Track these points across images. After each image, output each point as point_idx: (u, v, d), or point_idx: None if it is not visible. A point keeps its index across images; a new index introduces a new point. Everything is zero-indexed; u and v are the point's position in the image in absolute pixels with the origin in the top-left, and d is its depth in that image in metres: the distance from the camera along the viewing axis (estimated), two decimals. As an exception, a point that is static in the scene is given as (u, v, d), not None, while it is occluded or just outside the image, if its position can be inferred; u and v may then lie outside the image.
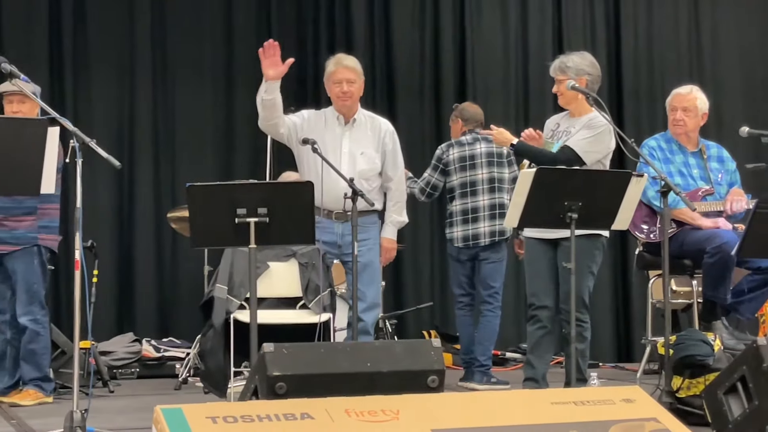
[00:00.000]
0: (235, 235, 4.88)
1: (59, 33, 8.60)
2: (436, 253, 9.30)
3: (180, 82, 8.89)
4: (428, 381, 4.07)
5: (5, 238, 6.27)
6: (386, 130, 6.06)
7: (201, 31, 9.00)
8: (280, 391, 3.90)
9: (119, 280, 8.60)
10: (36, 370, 6.35)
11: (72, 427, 4.43)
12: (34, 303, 6.31)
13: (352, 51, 9.22)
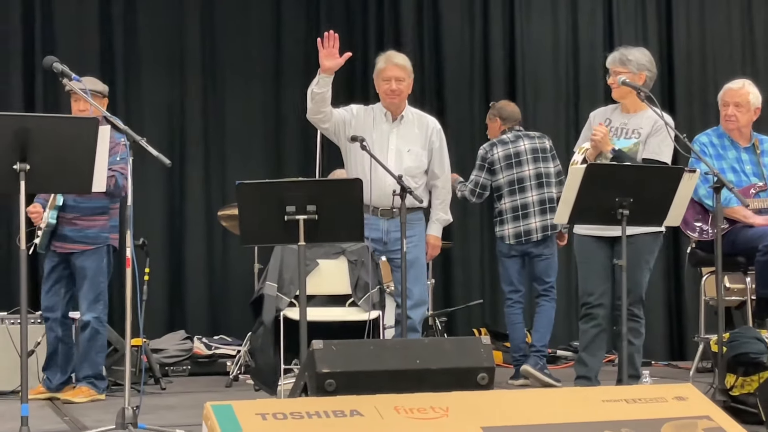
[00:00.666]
0: (284, 233, 4.88)
1: (110, 34, 8.66)
2: (485, 250, 9.25)
3: (229, 81, 8.92)
4: (478, 378, 4.05)
5: (76, 237, 6.32)
6: (433, 128, 6.05)
7: (250, 30, 9.02)
8: (330, 388, 3.90)
9: (170, 278, 8.65)
10: (91, 368, 6.40)
11: (123, 423, 4.46)
12: (99, 302, 6.38)
13: (401, 48, 9.20)
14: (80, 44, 8.54)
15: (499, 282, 9.18)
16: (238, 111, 8.91)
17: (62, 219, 6.32)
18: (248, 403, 3.49)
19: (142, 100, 8.74)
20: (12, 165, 4.22)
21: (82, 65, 8.13)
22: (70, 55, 8.33)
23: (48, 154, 4.26)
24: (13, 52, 8.37)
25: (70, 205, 6.30)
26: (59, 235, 6.34)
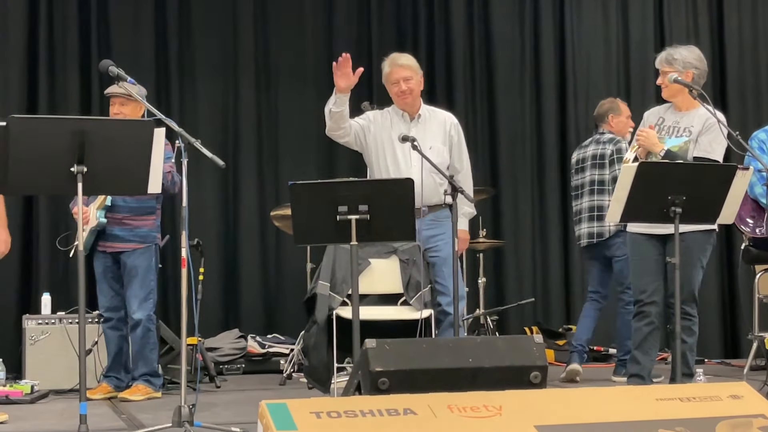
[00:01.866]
0: (336, 232, 4.89)
1: (165, 38, 8.73)
2: (537, 249, 9.22)
3: (282, 83, 8.96)
4: (531, 377, 4.03)
5: (126, 237, 6.38)
6: (451, 122, 6.08)
7: (302, 35, 9.05)
8: (383, 386, 3.90)
9: (225, 277, 8.70)
10: (146, 366, 6.45)
11: (180, 421, 4.49)
12: (149, 300, 6.42)
13: (452, 48, 9.23)
14: (135, 47, 8.61)
15: (550, 280, 9.20)
16: (291, 112, 8.94)
17: (111, 219, 6.37)
18: (303, 402, 3.50)
19: (197, 102, 8.79)
20: (69, 167, 4.26)
21: (138, 68, 8.24)
22: (125, 58, 8.43)
23: (105, 156, 4.29)
24: (69, 56, 8.45)
25: (119, 204, 6.35)
26: (108, 235, 6.39)
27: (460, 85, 9.18)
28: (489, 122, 9.26)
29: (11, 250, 7.83)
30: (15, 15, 8.35)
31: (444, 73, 9.20)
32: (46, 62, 8.40)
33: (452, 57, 9.20)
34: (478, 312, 8.02)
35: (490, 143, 9.24)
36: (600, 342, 8.71)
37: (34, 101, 8.34)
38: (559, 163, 9.30)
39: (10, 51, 8.31)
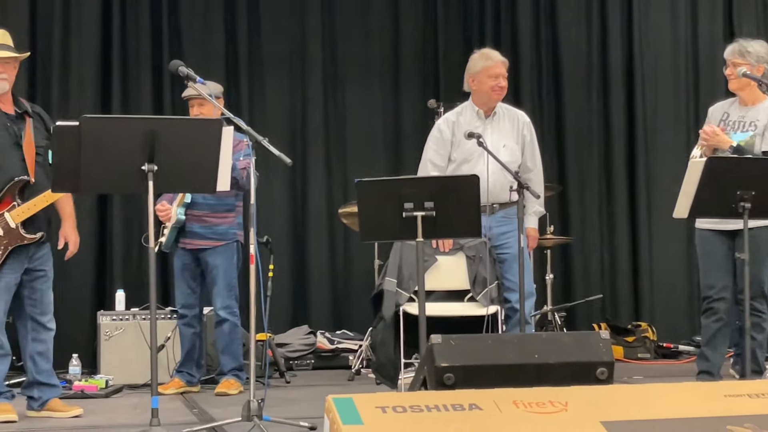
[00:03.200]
0: (402, 229, 4.88)
1: (234, 40, 8.79)
2: (605, 245, 9.13)
3: (349, 83, 8.97)
4: (597, 373, 3.97)
5: (206, 234, 6.40)
6: (524, 121, 6.05)
7: (369, 33, 9.06)
8: (449, 381, 3.88)
9: (294, 274, 8.73)
10: (234, 360, 6.49)
11: (249, 415, 4.51)
12: (231, 297, 6.45)
13: (518, 45, 9.17)
14: (206, 49, 8.68)
15: (619, 277, 9.10)
16: (358, 112, 8.96)
17: (191, 216, 6.41)
18: (369, 396, 3.48)
19: (266, 101, 8.84)
20: (140, 166, 4.29)
21: (208, 69, 8.31)
22: (196, 59, 8.50)
23: (174, 155, 4.32)
24: (142, 57, 8.55)
25: (199, 202, 6.38)
26: (188, 232, 6.42)
27: (527, 83, 9.11)
28: (556, 120, 9.18)
29: (86, 248, 7.98)
30: (89, 22, 8.45)
31: (511, 71, 9.10)
32: (120, 67, 8.50)
33: (519, 55, 9.13)
34: (545, 308, 7.95)
35: (557, 141, 9.17)
36: (670, 339, 8.62)
37: (108, 105, 8.45)
38: (626, 160, 9.20)
39: (85, 56, 8.43)
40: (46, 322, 5.43)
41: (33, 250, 5.30)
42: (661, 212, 8.68)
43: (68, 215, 5.49)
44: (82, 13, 8.47)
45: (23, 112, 5.34)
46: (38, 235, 5.22)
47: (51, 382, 5.44)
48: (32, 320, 5.40)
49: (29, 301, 5.37)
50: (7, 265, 5.21)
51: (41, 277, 5.38)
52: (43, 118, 5.40)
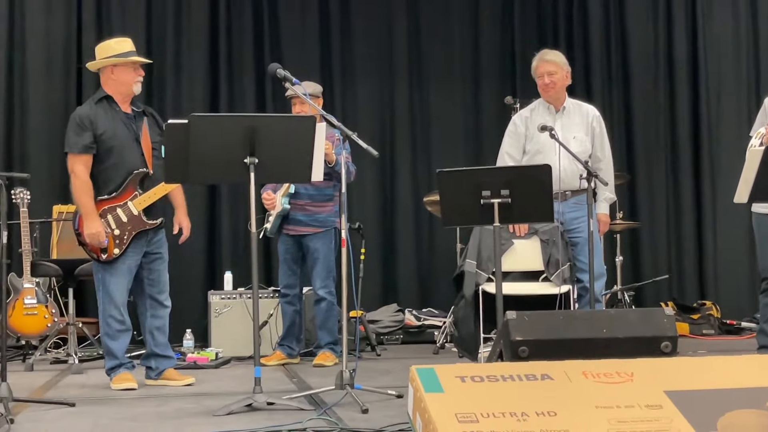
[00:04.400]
0: (480, 215, 4.85)
1: (328, 43, 8.85)
2: (672, 229, 8.99)
3: (433, 79, 8.97)
4: (661, 346, 3.92)
5: (307, 221, 6.46)
6: (593, 115, 5.99)
7: (450, 35, 9.05)
8: (523, 354, 3.86)
9: (384, 257, 8.76)
10: (330, 335, 6.54)
11: (342, 384, 4.55)
12: (329, 278, 6.50)
13: (589, 42, 9.07)
14: (303, 52, 8.76)
15: (685, 257, 8.96)
16: (441, 108, 8.95)
17: (294, 205, 6.48)
18: (449, 367, 3.48)
19: (357, 99, 8.89)
20: (243, 159, 4.35)
21: (305, 70, 8.38)
22: (294, 62, 8.59)
23: (273, 148, 4.37)
24: (246, 61, 8.66)
25: (301, 192, 6.44)
26: (292, 220, 6.49)
27: (598, 77, 9.01)
28: (625, 112, 9.07)
29: (198, 234, 8.13)
30: (199, 30, 8.60)
31: (582, 66, 9.05)
32: (226, 69, 8.63)
33: (590, 51, 9.05)
34: (615, 288, 7.86)
35: (626, 132, 9.05)
36: (733, 316, 8.46)
37: (215, 104, 8.58)
38: (691, 148, 9.07)
39: (195, 61, 8.57)
40: (163, 300, 5.54)
41: (151, 234, 5.41)
42: (724, 197, 8.51)
43: (180, 204, 5.60)
44: (192, 22, 8.62)
45: (140, 111, 5.47)
46: (158, 221, 5.34)
47: (167, 354, 5.55)
48: (151, 298, 5.51)
49: (148, 281, 5.48)
50: (130, 249, 5.33)
51: (158, 259, 5.49)
52: (155, 117, 5.54)
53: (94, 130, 5.29)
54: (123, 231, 5.28)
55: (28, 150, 8.31)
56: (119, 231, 5.28)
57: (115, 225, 5.28)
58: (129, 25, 8.44)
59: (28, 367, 6.41)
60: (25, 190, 7.07)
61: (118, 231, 5.28)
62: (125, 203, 5.30)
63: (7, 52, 8.30)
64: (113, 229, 5.28)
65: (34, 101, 8.32)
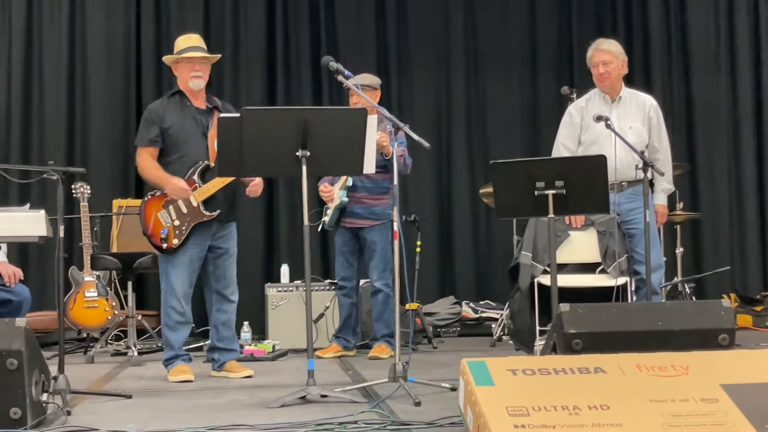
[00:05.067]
0: (534, 206, 4.80)
1: (384, 36, 8.84)
2: (734, 220, 8.83)
3: (490, 71, 8.91)
4: (719, 339, 3.87)
5: (364, 214, 6.46)
6: (650, 104, 5.89)
7: (508, 24, 8.98)
8: (577, 347, 3.83)
9: (441, 249, 8.74)
10: (386, 327, 6.53)
11: (395, 377, 4.54)
12: (386, 270, 6.48)
13: (648, 31, 8.94)
14: (358, 44, 8.77)
15: (747, 248, 8.79)
16: (498, 98, 8.90)
17: (352, 198, 6.48)
18: (501, 360, 3.47)
19: (413, 91, 8.87)
20: (295, 152, 4.36)
21: (361, 63, 8.40)
22: (350, 53, 8.61)
23: (325, 141, 4.37)
24: (302, 54, 8.69)
25: (358, 185, 6.45)
26: (349, 213, 6.49)
27: (658, 66, 8.89)
28: (686, 102, 8.94)
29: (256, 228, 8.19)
30: (256, 24, 8.66)
31: (641, 56, 8.93)
32: (283, 63, 8.67)
33: (649, 41, 8.92)
34: (676, 280, 7.75)
35: (687, 122, 8.92)
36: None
37: (273, 97, 8.62)
38: (754, 137, 8.90)
39: (252, 55, 8.62)
40: (228, 295, 5.57)
41: (215, 228, 5.45)
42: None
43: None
44: (249, 16, 8.68)
45: (213, 107, 5.52)
46: (215, 213, 5.36)
47: (229, 347, 5.58)
48: (217, 293, 5.55)
49: (213, 276, 5.52)
50: (191, 241, 5.38)
51: (223, 255, 5.51)
52: (230, 112, 5.57)
53: (161, 124, 5.38)
54: (183, 222, 5.33)
55: (88, 145, 8.43)
56: (179, 222, 5.33)
57: (175, 216, 5.33)
58: (187, 21, 8.53)
59: (89, 360, 6.50)
60: (85, 185, 7.18)
61: (178, 222, 5.33)
62: (186, 195, 5.35)
63: (69, 50, 8.43)
64: (173, 219, 5.33)
65: (95, 97, 8.45)
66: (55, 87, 8.41)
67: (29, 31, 8.46)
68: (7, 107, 8.37)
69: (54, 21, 8.49)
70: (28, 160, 8.31)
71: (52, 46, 8.45)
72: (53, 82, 8.41)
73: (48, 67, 8.43)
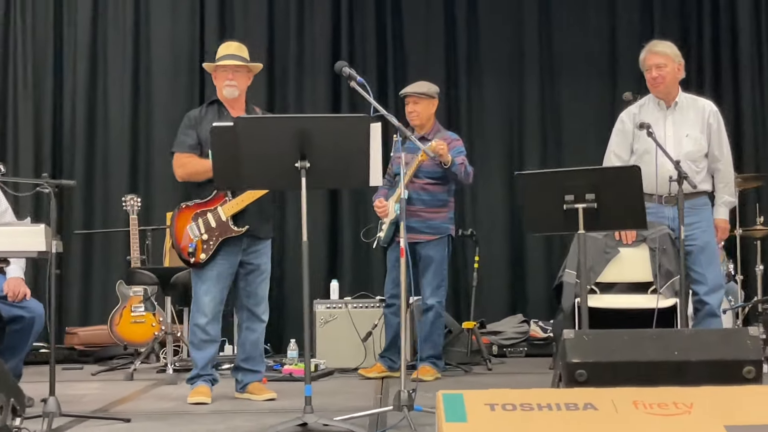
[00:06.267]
0: (564, 221, 4.49)
1: (454, 41, 8.60)
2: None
3: (565, 76, 8.57)
4: (744, 372, 3.48)
5: (421, 228, 6.23)
6: (710, 110, 5.47)
7: (587, 28, 8.62)
8: (581, 378, 3.50)
9: (512, 264, 8.43)
10: (433, 348, 6.31)
11: (400, 405, 4.29)
12: (441, 287, 6.27)
13: (737, 37, 8.44)
14: (426, 51, 8.56)
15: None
16: (573, 104, 8.55)
17: (407, 211, 6.24)
18: (480, 393, 3.18)
19: (483, 96, 8.62)
20: (294, 163, 4.15)
21: (428, 70, 8.19)
22: (418, 58, 8.41)
23: (326, 151, 4.15)
24: (368, 61, 8.51)
25: (414, 198, 6.22)
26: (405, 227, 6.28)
27: (746, 74, 8.37)
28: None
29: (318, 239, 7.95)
30: (321, 32, 8.54)
31: (730, 62, 8.43)
32: (348, 68, 8.50)
33: (738, 48, 8.41)
34: (755, 299, 7.23)
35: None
36: None
37: (337, 105, 8.47)
38: None
39: (317, 63, 8.50)
40: (260, 314, 5.40)
41: (246, 243, 5.28)
42: None
43: None
44: (314, 23, 8.56)
45: None
46: (243, 229, 5.19)
47: (253, 368, 5.41)
48: (247, 311, 5.39)
49: (244, 292, 5.37)
50: (220, 256, 5.23)
51: (254, 271, 5.34)
52: None
53: (199, 132, 5.27)
54: (211, 236, 5.18)
55: (151, 155, 8.42)
56: (207, 236, 5.19)
57: (204, 229, 5.19)
58: (251, 28, 8.49)
59: (128, 377, 6.42)
60: (136, 197, 7.15)
61: (206, 236, 5.19)
62: (215, 208, 5.21)
63: (133, 59, 8.45)
64: (202, 233, 5.19)
65: (158, 105, 8.47)
66: (119, 96, 8.45)
67: (94, 42, 8.52)
68: (72, 117, 8.45)
69: (118, 31, 8.53)
70: (91, 166, 8.39)
71: (116, 56, 8.49)
72: (117, 91, 8.46)
73: (112, 77, 8.48)
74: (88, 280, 8.27)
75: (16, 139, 8.40)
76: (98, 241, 8.32)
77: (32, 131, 8.37)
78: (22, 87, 8.40)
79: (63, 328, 7.94)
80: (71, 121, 8.46)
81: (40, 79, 8.42)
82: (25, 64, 8.41)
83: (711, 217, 5.41)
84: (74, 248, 8.28)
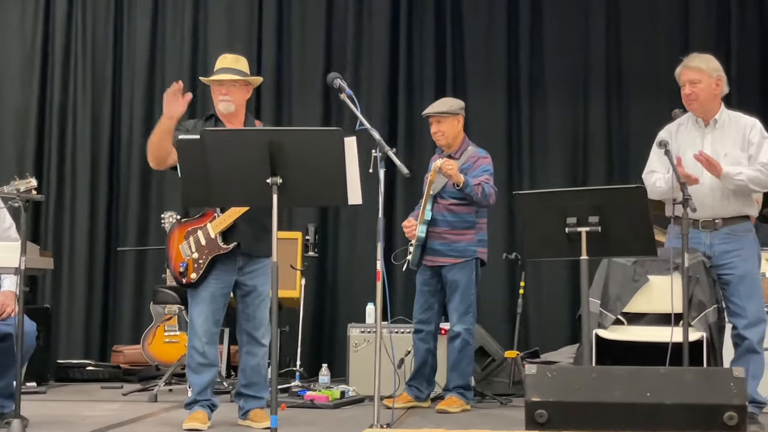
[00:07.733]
0: (567, 246, 4.19)
1: (516, 58, 8.33)
2: None
3: (633, 96, 8.19)
4: (725, 417, 3.15)
5: (445, 251, 6.02)
6: (751, 126, 5.10)
7: (656, 42, 8.23)
8: (540, 419, 3.23)
9: (573, 290, 8.03)
10: (461, 378, 6.06)
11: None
12: (468, 313, 6.03)
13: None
14: (487, 68, 8.33)
15: None
16: (642, 124, 8.12)
17: (432, 233, 6.03)
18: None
19: (547, 116, 8.30)
20: (265, 179, 3.96)
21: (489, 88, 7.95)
22: (478, 75, 8.17)
23: (299, 167, 3.94)
24: (426, 78, 8.34)
25: (438, 219, 6.02)
26: (429, 249, 6.06)
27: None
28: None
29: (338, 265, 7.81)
30: (378, 42, 8.41)
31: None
32: (405, 86, 8.36)
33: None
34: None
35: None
36: None
37: (393, 122, 8.29)
38: None
39: (374, 75, 8.35)
40: (259, 338, 5.21)
41: (242, 262, 5.12)
42: None
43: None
44: (373, 33, 8.46)
45: None
46: (230, 246, 5.02)
47: (255, 395, 5.22)
48: (247, 334, 5.22)
49: (243, 315, 5.21)
50: (212, 275, 5.08)
51: (251, 293, 5.16)
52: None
53: None
54: (201, 254, 5.05)
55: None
56: (197, 254, 5.05)
57: (195, 248, 5.06)
58: (309, 39, 8.46)
59: (152, 398, 6.31)
60: (175, 214, 7.05)
61: (196, 254, 5.05)
62: (205, 225, 5.07)
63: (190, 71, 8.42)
64: (192, 252, 5.06)
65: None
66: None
67: (152, 56, 8.58)
68: (129, 126, 8.51)
69: (176, 44, 8.56)
70: (147, 182, 8.41)
71: (172, 69, 8.48)
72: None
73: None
74: (139, 297, 8.26)
75: (74, 154, 8.50)
76: (151, 258, 8.31)
77: (89, 149, 8.47)
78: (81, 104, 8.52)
79: (110, 345, 7.96)
80: (128, 136, 8.51)
81: (98, 96, 8.51)
82: (85, 75, 8.53)
83: (754, 245, 5.02)
84: (128, 264, 8.30)
